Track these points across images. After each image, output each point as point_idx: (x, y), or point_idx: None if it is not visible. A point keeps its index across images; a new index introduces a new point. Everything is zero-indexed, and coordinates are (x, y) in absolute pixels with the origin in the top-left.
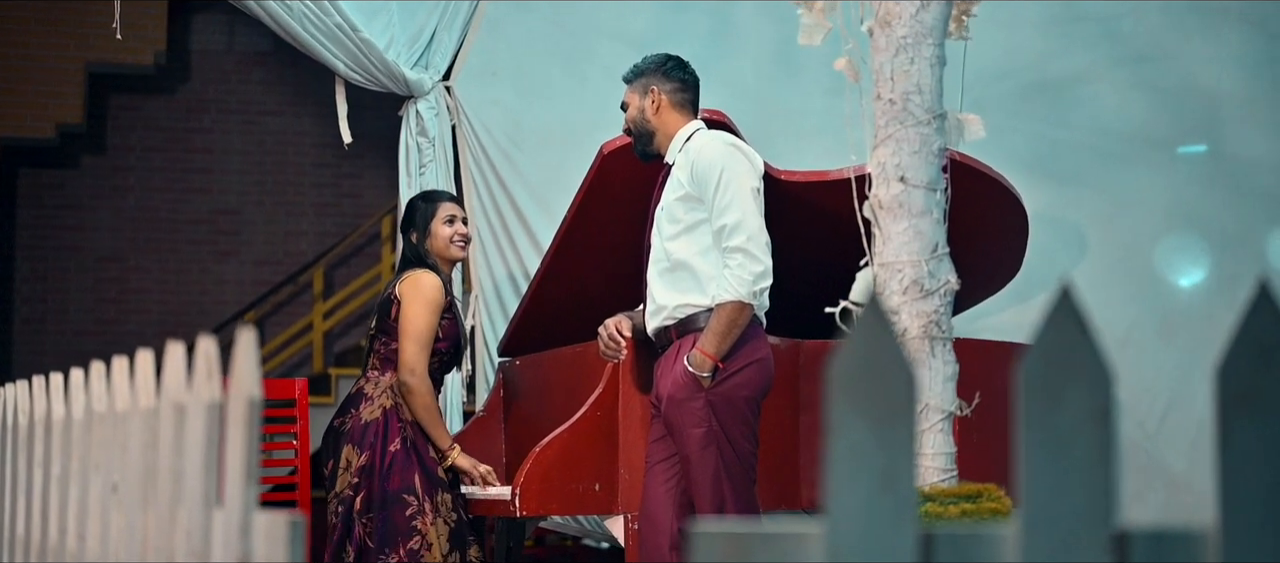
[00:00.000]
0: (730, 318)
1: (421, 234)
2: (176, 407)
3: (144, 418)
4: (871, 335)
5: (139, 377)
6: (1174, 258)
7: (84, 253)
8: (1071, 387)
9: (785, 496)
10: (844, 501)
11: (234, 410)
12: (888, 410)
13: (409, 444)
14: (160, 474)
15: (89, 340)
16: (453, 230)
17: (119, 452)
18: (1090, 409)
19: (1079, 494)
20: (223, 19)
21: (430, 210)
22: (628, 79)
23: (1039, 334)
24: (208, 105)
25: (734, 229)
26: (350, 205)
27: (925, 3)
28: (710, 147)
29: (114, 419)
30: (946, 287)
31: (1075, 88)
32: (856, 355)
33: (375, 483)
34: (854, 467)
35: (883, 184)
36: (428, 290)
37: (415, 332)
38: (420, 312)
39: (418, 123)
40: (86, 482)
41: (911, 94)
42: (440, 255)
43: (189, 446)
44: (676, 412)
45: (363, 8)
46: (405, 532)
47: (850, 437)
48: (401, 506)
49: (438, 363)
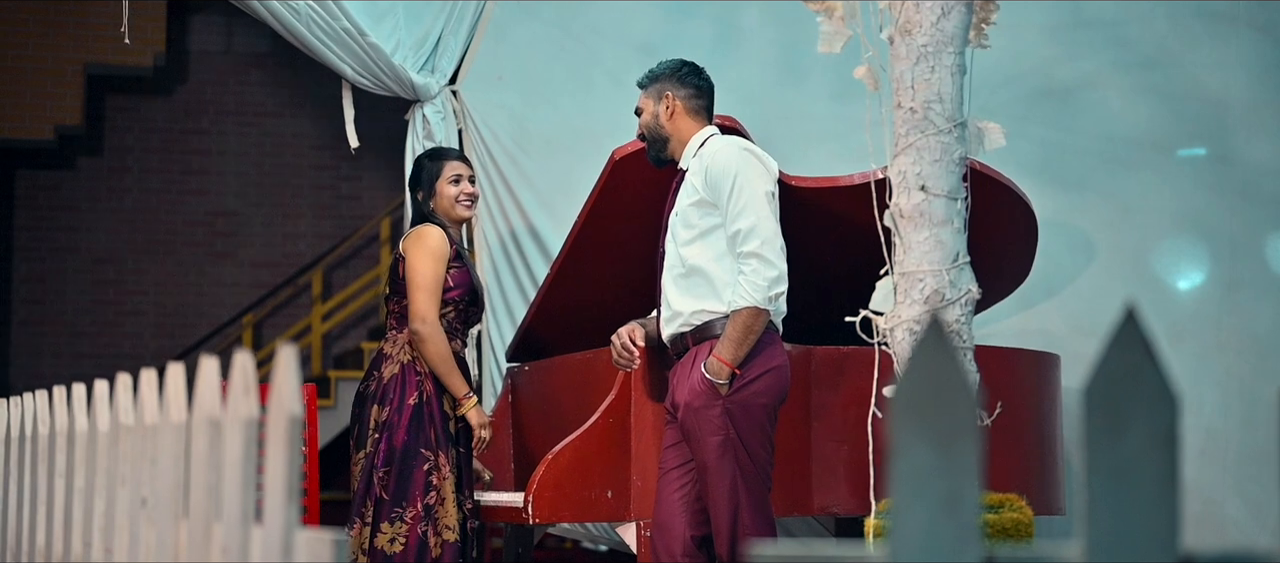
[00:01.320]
0: (746, 324)
1: (427, 193)
2: (211, 422)
3: (175, 432)
4: (934, 357)
5: (169, 390)
6: (1173, 260)
7: (81, 254)
8: (1136, 411)
9: (798, 502)
10: (907, 524)
11: (275, 428)
12: (951, 433)
13: (425, 399)
14: (194, 489)
15: (86, 342)
16: (458, 190)
17: (148, 466)
18: (1155, 434)
19: (1143, 519)
20: (221, 21)
21: (436, 169)
22: (642, 84)
23: (1103, 358)
24: (206, 107)
25: (748, 234)
26: (348, 207)
27: (946, 11)
28: (724, 151)
29: (142, 433)
30: (968, 296)
31: (1082, 93)
32: (919, 378)
33: (394, 436)
34: (917, 490)
35: (903, 193)
36: (429, 240)
37: (421, 281)
38: (423, 260)
39: (424, 127)
40: (113, 495)
41: (932, 102)
42: (446, 215)
43: (227, 462)
44: (694, 419)
45: (369, 12)
46: (422, 487)
47: (913, 460)
48: (419, 460)
49: (454, 313)
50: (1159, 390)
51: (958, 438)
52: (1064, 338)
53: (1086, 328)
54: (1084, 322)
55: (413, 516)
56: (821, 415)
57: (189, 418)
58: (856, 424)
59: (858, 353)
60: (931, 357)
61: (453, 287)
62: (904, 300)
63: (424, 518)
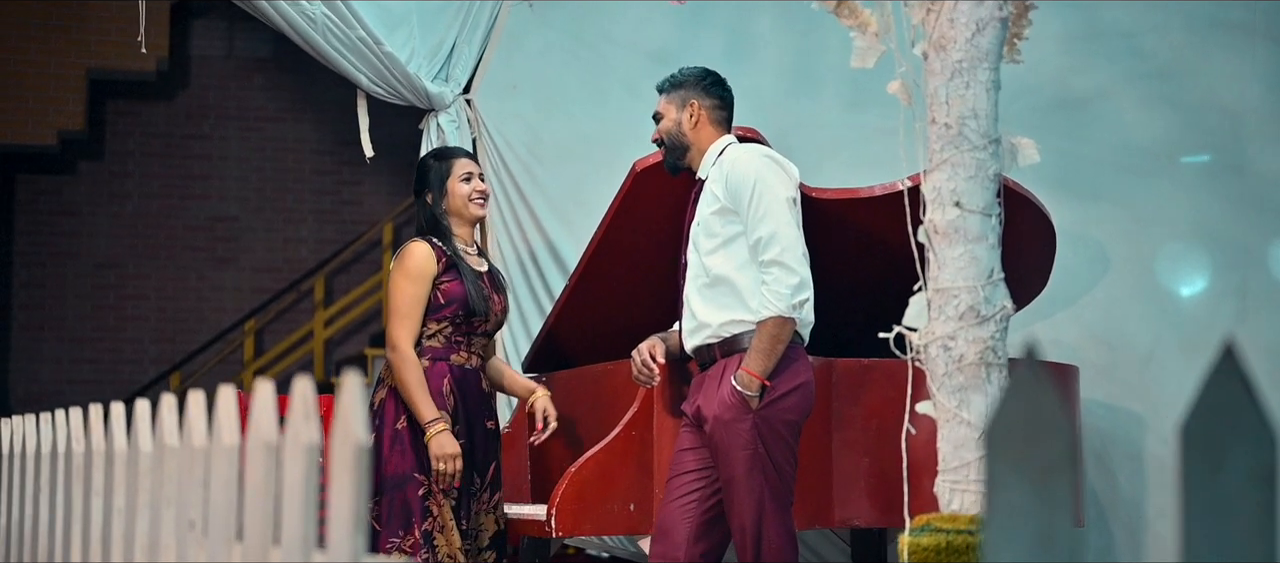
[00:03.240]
0: (773, 334)
1: (437, 194)
2: (267, 446)
3: (228, 456)
4: (1030, 392)
5: (220, 414)
6: (1175, 267)
7: (81, 260)
8: (1234, 447)
9: (819, 514)
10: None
11: (341, 455)
12: (1047, 468)
13: (411, 423)
14: (249, 514)
15: (86, 348)
16: (470, 188)
17: (197, 488)
18: (1254, 470)
19: (1242, 557)
20: (222, 25)
21: (445, 168)
22: (663, 89)
23: (1201, 393)
24: (207, 111)
25: (769, 241)
26: (350, 213)
27: (982, 27)
28: (744, 159)
29: (190, 454)
30: (1002, 312)
31: (1097, 104)
32: (1014, 412)
33: (383, 466)
34: (1011, 526)
35: (938, 209)
36: (407, 261)
37: (395, 305)
38: (399, 283)
39: (439, 136)
40: (158, 516)
41: (967, 118)
42: (458, 215)
43: (288, 487)
44: (724, 433)
45: (384, 20)
46: (418, 513)
47: (1008, 495)
48: (413, 485)
49: (451, 329)
50: (1258, 426)
51: (1054, 474)
52: (1078, 348)
53: (1101, 338)
54: (1098, 332)
55: (411, 544)
56: (843, 428)
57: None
58: (877, 437)
59: (880, 365)
60: (1027, 390)
61: (444, 303)
62: (938, 317)
63: (423, 545)
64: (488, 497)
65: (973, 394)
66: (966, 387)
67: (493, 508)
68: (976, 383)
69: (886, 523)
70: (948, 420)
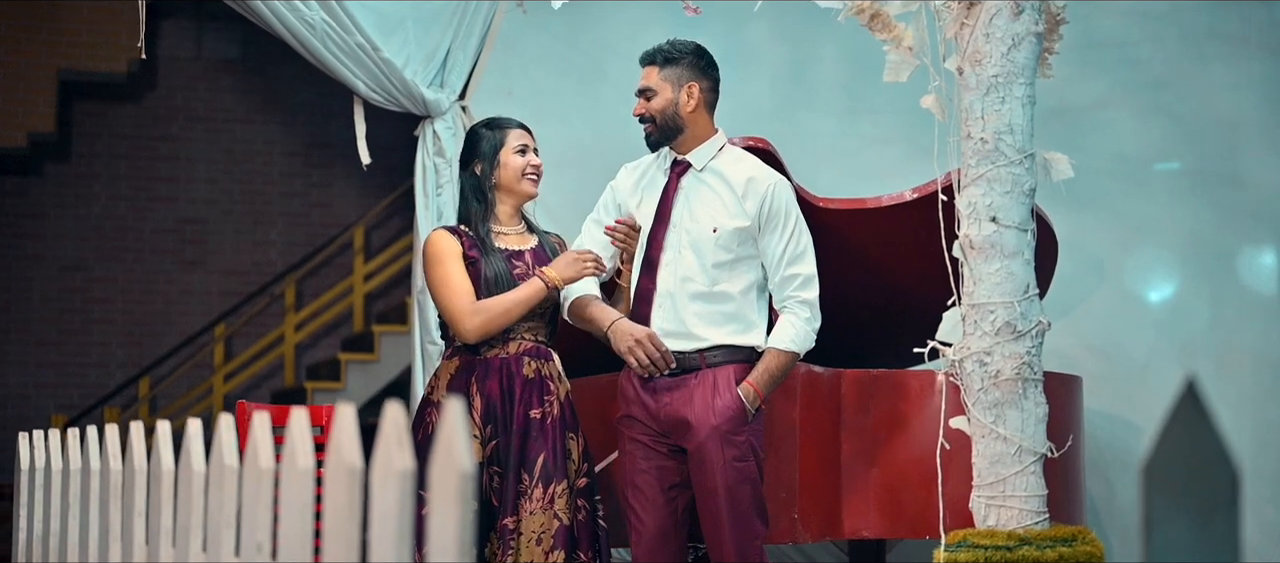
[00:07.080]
0: (786, 368)
1: (488, 165)
2: (350, 470)
3: (302, 478)
4: (1191, 429)
5: (295, 435)
6: (1143, 273)
7: (47, 262)
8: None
9: (829, 525)
10: None
11: (444, 483)
12: (1208, 505)
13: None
14: (330, 538)
15: (52, 351)
16: (525, 161)
17: (262, 510)
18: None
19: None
20: (190, 25)
21: (498, 138)
22: (655, 62)
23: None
24: (175, 113)
25: (809, 281)
26: (319, 215)
27: (1017, 42)
28: (783, 188)
29: (257, 476)
30: (1038, 327)
31: (1093, 113)
32: (1175, 449)
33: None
34: None
35: (973, 224)
36: (430, 248)
37: (440, 288)
38: (432, 274)
39: (435, 143)
40: (217, 537)
41: (1002, 134)
42: (509, 189)
43: (379, 515)
44: (719, 443)
45: (380, 26)
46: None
47: (1168, 532)
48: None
49: None
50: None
51: (1217, 511)
52: (1076, 357)
53: (1098, 348)
54: (1094, 341)
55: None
56: (851, 439)
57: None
58: (886, 448)
59: (887, 377)
60: (1188, 424)
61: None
62: (974, 332)
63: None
64: (541, 492)
65: (1009, 410)
66: (1002, 402)
67: (550, 503)
68: (1013, 399)
69: (895, 534)
70: (983, 436)
